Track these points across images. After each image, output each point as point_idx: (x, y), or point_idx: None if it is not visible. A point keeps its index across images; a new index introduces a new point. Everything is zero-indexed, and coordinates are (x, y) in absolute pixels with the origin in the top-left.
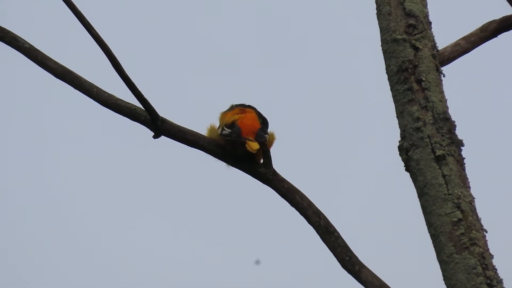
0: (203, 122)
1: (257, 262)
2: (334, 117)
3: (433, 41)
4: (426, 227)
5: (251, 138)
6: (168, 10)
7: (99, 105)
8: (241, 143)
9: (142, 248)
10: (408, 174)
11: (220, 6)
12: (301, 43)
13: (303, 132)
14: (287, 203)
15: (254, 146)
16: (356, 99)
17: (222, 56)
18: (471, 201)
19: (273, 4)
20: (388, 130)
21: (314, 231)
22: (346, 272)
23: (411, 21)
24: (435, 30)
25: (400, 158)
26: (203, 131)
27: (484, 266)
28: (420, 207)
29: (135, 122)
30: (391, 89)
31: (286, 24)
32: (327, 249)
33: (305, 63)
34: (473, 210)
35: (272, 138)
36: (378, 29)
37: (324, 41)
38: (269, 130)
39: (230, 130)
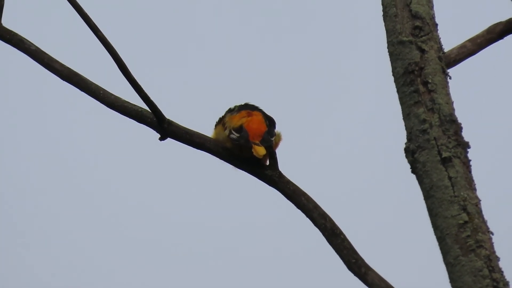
0: (209, 124)
1: None
2: (336, 114)
3: (439, 43)
4: (432, 229)
5: (257, 142)
6: (173, 12)
7: (106, 107)
8: (249, 148)
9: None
10: (414, 176)
11: (225, 6)
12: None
13: (307, 131)
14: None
15: (260, 152)
16: (358, 96)
17: (225, 57)
18: (477, 203)
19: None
20: (395, 130)
21: (320, 233)
22: (352, 275)
23: (418, 23)
24: (441, 32)
25: (406, 160)
26: (209, 132)
27: (490, 268)
28: (426, 209)
29: (142, 124)
30: (398, 91)
31: (288, 14)
32: (333, 251)
33: (308, 61)
34: (479, 212)
35: (278, 139)
36: (384, 30)
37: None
38: (276, 130)
39: (238, 135)
